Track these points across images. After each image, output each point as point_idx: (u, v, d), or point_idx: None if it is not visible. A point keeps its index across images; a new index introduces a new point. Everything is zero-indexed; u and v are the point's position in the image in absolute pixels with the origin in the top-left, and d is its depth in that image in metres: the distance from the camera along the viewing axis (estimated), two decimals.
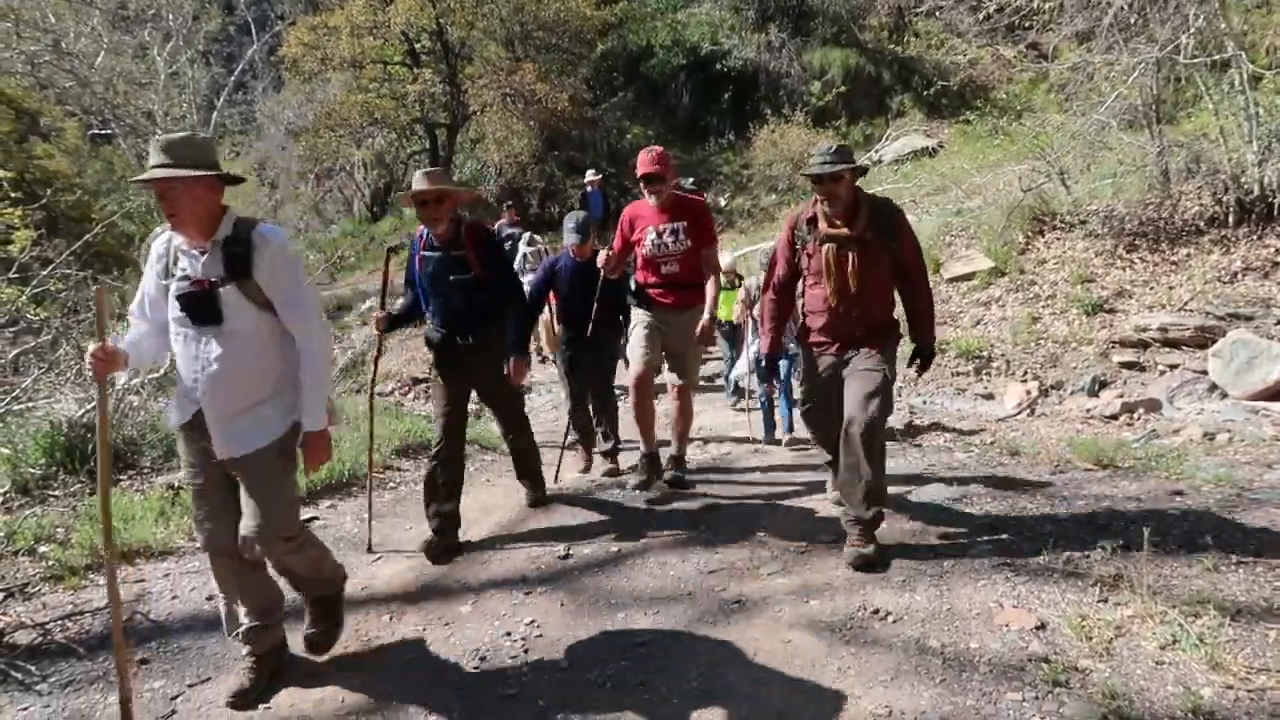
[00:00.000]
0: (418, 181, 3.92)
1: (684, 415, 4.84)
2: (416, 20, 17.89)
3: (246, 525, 2.72)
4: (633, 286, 4.86)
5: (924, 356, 3.88)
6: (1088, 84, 9.63)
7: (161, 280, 2.71)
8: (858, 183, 3.71)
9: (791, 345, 5.63)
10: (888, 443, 6.14)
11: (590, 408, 5.60)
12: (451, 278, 3.96)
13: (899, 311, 3.88)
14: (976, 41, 13.35)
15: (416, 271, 4.12)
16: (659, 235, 4.53)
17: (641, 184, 4.51)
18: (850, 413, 3.48)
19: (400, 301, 4.48)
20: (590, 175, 12.77)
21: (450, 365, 4.11)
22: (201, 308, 2.61)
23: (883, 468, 3.55)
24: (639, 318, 4.69)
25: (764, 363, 3.77)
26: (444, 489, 4.07)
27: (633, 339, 4.67)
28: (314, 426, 2.78)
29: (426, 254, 4.05)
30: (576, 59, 19.50)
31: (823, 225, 3.57)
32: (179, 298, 2.63)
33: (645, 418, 4.70)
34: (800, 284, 3.92)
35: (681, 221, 4.52)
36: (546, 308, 6.23)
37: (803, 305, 3.94)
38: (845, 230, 3.53)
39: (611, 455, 5.50)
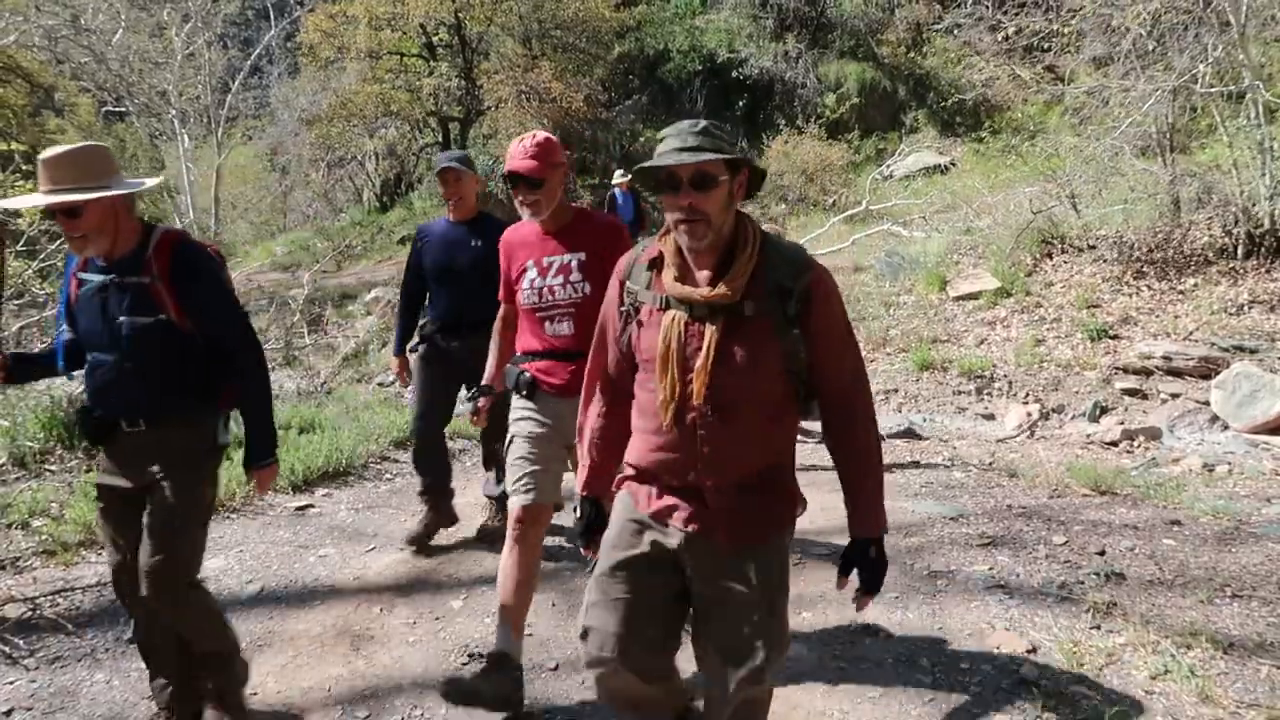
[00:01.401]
0: (46, 172, 2.24)
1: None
2: (435, 14, 17.94)
3: None
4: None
5: (868, 560, 1.85)
6: (1103, 109, 9.63)
7: None
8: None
9: None
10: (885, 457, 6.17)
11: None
12: (122, 320, 2.33)
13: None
14: (994, 61, 13.36)
15: (66, 303, 2.50)
16: (541, 274, 2.74)
17: (509, 186, 2.75)
18: (718, 694, 1.87)
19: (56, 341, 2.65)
20: (619, 176, 10.98)
21: (119, 461, 2.47)
22: None
23: None
24: (518, 412, 2.83)
25: (579, 513, 2.13)
26: (156, 658, 2.58)
27: (511, 449, 2.80)
28: None
29: (85, 277, 2.41)
30: (593, 59, 19.53)
31: (668, 275, 1.84)
32: None
33: (519, 582, 2.67)
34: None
35: (578, 253, 2.73)
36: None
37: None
38: (706, 290, 1.78)
39: (440, 499, 4.06)
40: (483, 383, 3.03)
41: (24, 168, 7.27)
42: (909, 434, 6.74)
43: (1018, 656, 2.90)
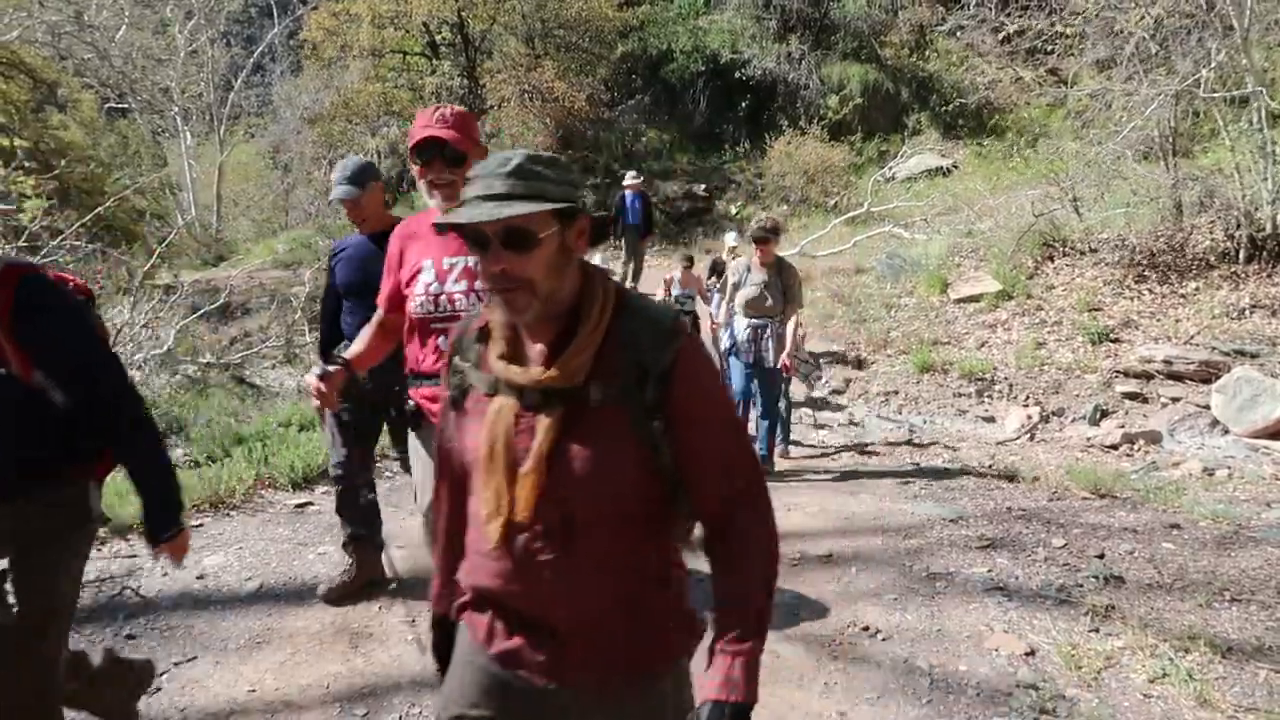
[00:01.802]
0: None
1: None
2: (438, 12, 17.96)
3: None
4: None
5: None
6: (1105, 112, 9.63)
7: None
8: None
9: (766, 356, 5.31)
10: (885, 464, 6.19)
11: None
12: None
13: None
14: (997, 63, 13.36)
15: None
16: (439, 278, 2.25)
17: (416, 164, 2.27)
18: None
19: None
20: (630, 178, 10.66)
21: None
22: None
23: None
24: (410, 452, 2.56)
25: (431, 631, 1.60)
26: None
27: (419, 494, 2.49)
28: None
29: None
30: (596, 59, 19.54)
31: (493, 353, 1.36)
32: None
33: None
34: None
35: None
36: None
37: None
38: (539, 370, 1.31)
39: (365, 550, 3.62)
40: (343, 356, 2.44)
41: (25, 164, 7.28)
42: (909, 436, 6.75)
43: (1016, 659, 2.90)
